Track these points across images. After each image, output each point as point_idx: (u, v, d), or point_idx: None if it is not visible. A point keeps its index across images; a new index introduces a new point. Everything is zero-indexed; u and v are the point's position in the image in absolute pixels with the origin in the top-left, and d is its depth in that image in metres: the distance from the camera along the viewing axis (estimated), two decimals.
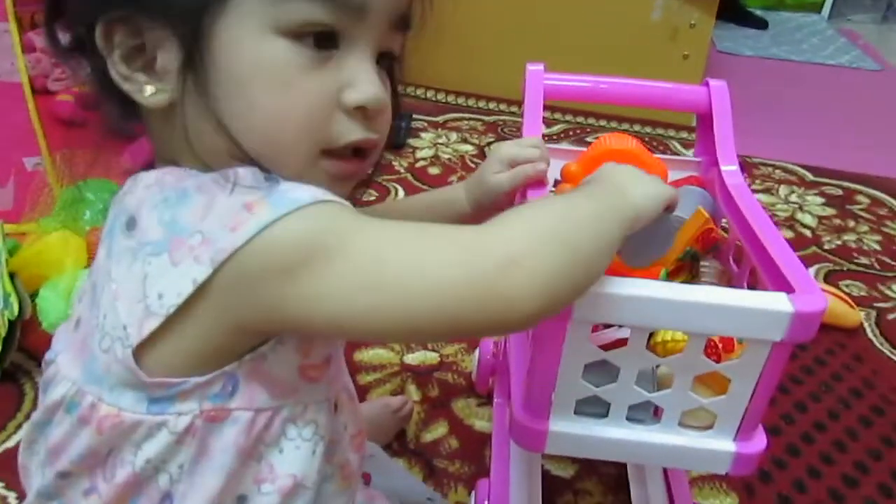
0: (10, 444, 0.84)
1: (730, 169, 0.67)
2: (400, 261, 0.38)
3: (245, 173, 0.40)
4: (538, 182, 0.63)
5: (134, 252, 0.40)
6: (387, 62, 0.46)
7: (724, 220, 0.67)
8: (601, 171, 0.54)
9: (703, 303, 0.48)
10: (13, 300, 0.87)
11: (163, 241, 0.39)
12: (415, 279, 0.38)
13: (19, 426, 0.87)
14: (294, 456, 0.45)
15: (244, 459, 0.43)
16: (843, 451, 0.91)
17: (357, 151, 0.45)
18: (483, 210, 0.64)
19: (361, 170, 0.46)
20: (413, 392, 0.96)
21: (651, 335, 0.54)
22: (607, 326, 0.56)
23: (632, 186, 0.51)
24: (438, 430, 0.90)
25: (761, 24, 2.85)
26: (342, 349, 0.51)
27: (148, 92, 0.42)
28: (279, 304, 0.38)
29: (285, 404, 0.44)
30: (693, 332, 0.50)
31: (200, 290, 0.38)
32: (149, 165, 0.46)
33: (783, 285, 0.51)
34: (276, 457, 0.45)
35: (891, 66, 2.53)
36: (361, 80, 0.42)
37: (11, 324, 0.87)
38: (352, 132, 0.43)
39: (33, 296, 0.91)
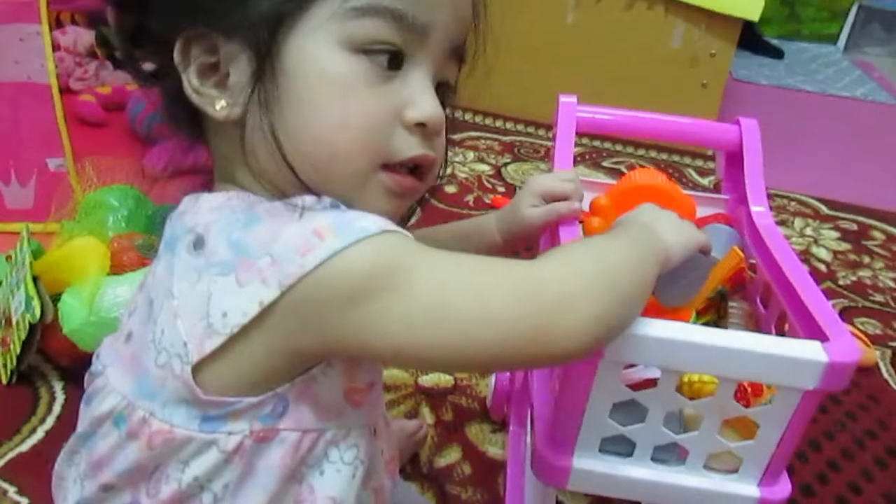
0: (23, 447, 0.84)
1: (759, 209, 0.66)
2: (462, 294, 0.39)
3: (312, 201, 0.41)
4: (570, 217, 0.63)
5: (200, 271, 0.41)
6: (442, 92, 0.47)
7: (751, 259, 0.66)
8: (638, 211, 0.55)
9: (737, 349, 0.48)
10: (35, 303, 0.87)
11: (231, 261, 0.40)
12: (476, 313, 0.39)
13: (33, 430, 0.87)
14: (334, 479, 0.46)
15: (287, 480, 0.44)
16: (858, 494, 0.90)
17: (414, 170, 0.46)
18: (514, 241, 0.64)
19: (418, 188, 0.47)
20: (427, 415, 0.95)
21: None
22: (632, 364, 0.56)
23: (667, 229, 0.52)
24: (452, 454, 0.90)
25: (777, 54, 2.85)
26: (382, 376, 0.52)
27: (219, 105, 0.43)
28: (341, 330, 0.39)
29: (330, 427, 0.45)
30: (725, 376, 0.49)
31: (265, 312, 0.39)
32: (206, 185, 0.47)
33: (816, 332, 0.51)
34: (317, 479, 0.45)
35: None
36: (423, 99, 0.44)
37: (32, 327, 0.87)
38: (412, 147, 0.44)
39: (55, 299, 0.90)
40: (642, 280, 0.46)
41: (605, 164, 1.78)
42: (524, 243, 0.67)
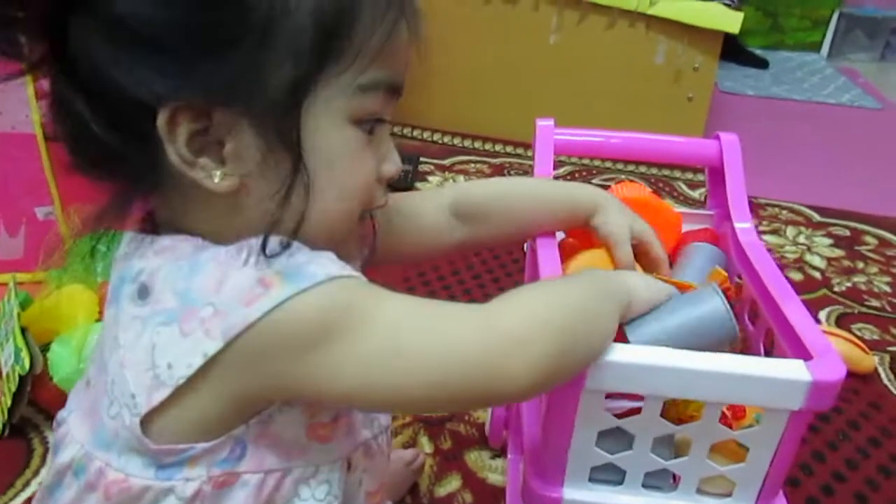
0: (17, 501, 0.83)
1: (743, 226, 0.65)
2: (414, 335, 0.40)
3: (258, 243, 0.40)
4: (548, 233, 0.63)
5: (144, 321, 0.40)
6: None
7: (737, 277, 0.65)
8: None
9: (719, 372, 0.46)
10: (24, 355, 0.86)
11: (175, 310, 0.39)
12: (428, 352, 0.39)
13: (27, 482, 0.85)
14: None
15: None
16: None
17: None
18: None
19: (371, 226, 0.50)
20: (425, 443, 0.94)
21: None
22: None
23: (632, 277, 0.53)
24: (452, 483, 0.88)
25: (762, 64, 2.85)
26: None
27: (217, 177, 0.40)
28: (290, 380, 0.38)
29: (296, 465, 0.44)
30: (709, 400, 0.48)
31: (210, 363, 0.38)
32: (145, 226, 0.45)
33: (800, 350, 0.49)
34: None
35: (891, 105, 2.52)
36: (392, 154, 0.46)
37: (22, 378, 0.86)
38: (381, 197, 0.47)
39: (44, 349, 0.90)
40: (597, 323, 0.47)
41: (594, 181, 1.77)
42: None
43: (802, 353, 0.49)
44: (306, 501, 0.44)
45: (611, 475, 0.53)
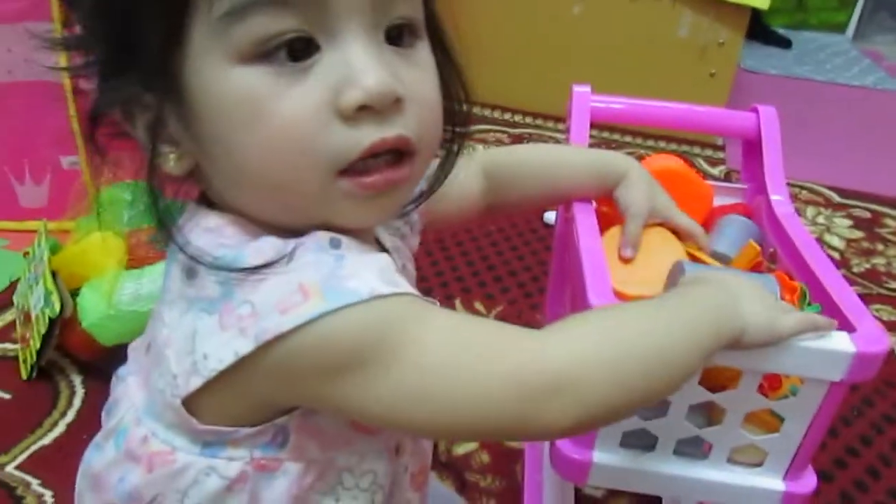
0: (46, 441, 0.83)
1: (779, 198, 0.64)
2: (448, 377, 0.36)
3: (308, 241, 0.37)
4: (584, 200, 0.61)
5: (190, 302, 0.38)
6: (410, 33, 0.38)
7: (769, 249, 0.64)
8: (711, 277, 0.48)
9: None
10: (54, 299, 0.86)
11: (217, 301, 0.37)
12: (459, 397, 0.36)
13: (54, 424, 0.86)
14: None
15: None
16: (877, 479, 0.89)
17: (397, 155, 0.37)
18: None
19: (400, 176, 0.38)
20: None
21: None
22: None
23: (750, 303, 0.44)
24: (469, 443, 0.88)
25: (785, 43, 2.80)
26: None
27: (171, 160, 0.38)
28: (320, 398, 0.37)
29: (339, 455, 0.42)
30: (748, 368, 0.48)
31: (241, 363, 0.35)
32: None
33: (842, 323, 0.49)
34: None
35: None
36: (355, 74, 0.34)
37: (51, 322, 0.86)
38: (361, 139, 0.35)
39: (74, 295, 0.90)
40: (677, 362, 0.40)
41: None
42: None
43: (844, 324, 0.48)
44: (350, 490, 0.43)
45: (642, 440, 0.53)
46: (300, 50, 0.34)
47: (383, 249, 0.47)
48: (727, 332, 0.42)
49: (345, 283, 0.35)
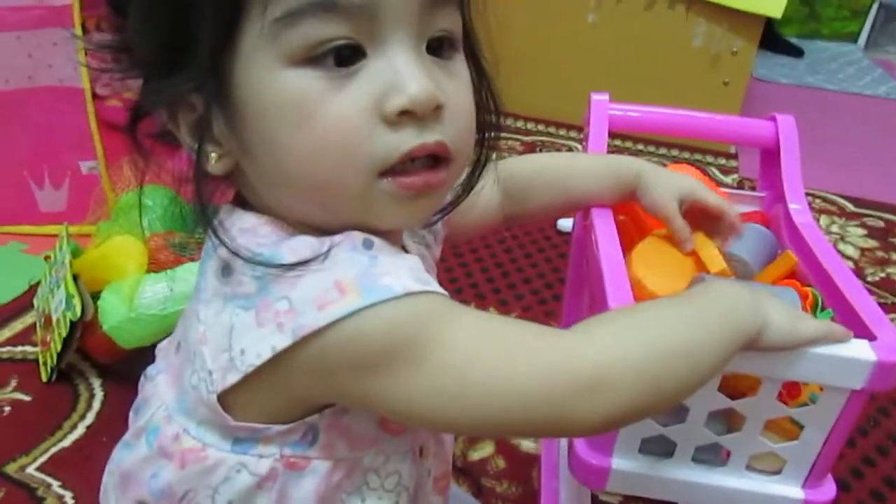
0: (65, 443, 0.84)
1: (797, 207, 0.64)
2: (483, 374, 0.36)
3: (343, 241, 0.38)
4: (602, 206, 0.62)
5: (226, 299, 0.39)
6: (449, 46, 0.40)
7: None
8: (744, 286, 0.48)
9: None
10: (76, 301, 0.86)
11: (253, 297, 0.37)
12: (494, 394, 0.36)
13: (74, 426, 0.87)
14: None
15: None
16: (893, 488, 0.88)
17: (436, 161, 0.39)
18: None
19: (438, 181, 0.39)
20: None
21: None
22: None
23: (774, 309, 0.44)
24: (485, 448, 0.88)
25: (797, 53, 2.79)
26: None
27: (213, 160, 0.39)
28: (353, 394, 0.37)
29: (366, 454, 0.42)
30: (768, 376, 0.48)
31: (278, 358, 0.36)
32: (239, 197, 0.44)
33: (862, 331, 0.49)
34: None
35: None
36: (400, 80, 0.36)
37: (72, 324, 0.87)
38: (402, 143, 0.37)
39: (94, 297, 0.90)
40: (702, 359, 0.40)
41: None
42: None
43: (865, 333, 0.48)
44: (376, 490, 0.43)
45: (661, 447, 0.53)
46: (347, 56, 0.36)
47: None
48: (748, 327, 0.42)
49: (379, 280, 0.35)
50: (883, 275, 1.35)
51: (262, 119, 0.37)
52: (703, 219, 0.60)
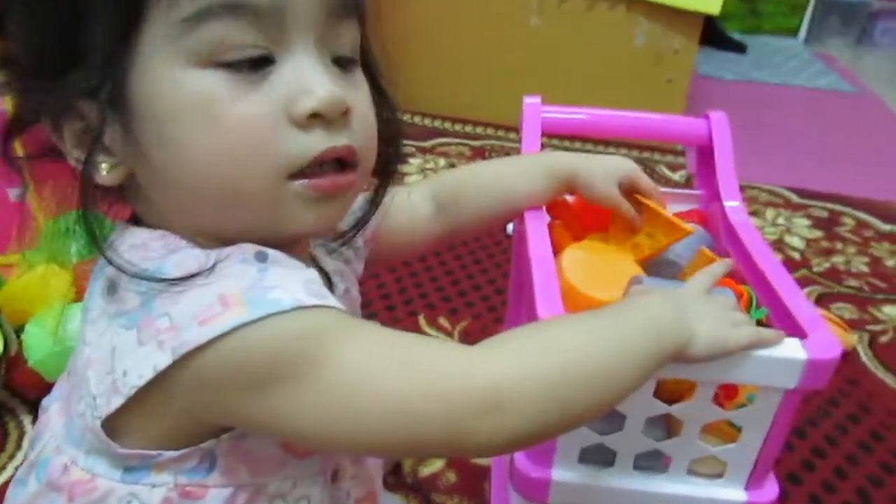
0: None
1: (733, 205, 0.64)
2: (373, 391, 0.35)
3: (234, 253, 0.36)
4: (536, 208, 0.60)
5: (109, 318, 0.37)
6: (350, 61, 0.40)
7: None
8: (660, 290, 0.46)
9: None
10: None
11: (136, 315, 0.36)
12: (385, 412, 0.35)
13: (3, 467, 0.82)
14: None
15: None
16: (844, 479, 0.89)
17: (340, 164, 0.39)
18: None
19: (346, 181, 0.39)
20: None
21: None
22: None
23: (700, 315, 0.43)
24: (436, 463, 0.86)
25: (740, 49, 2.85)
26: None
27: (104, 170, 0.37)
28: (240, 413, 0.36)
29: (271, 481, 0.40)
30: (701, 379, 0.47)
31: (160, 378, 0.35)
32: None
33: (794, 329, 0.48)
34: None
35: (867, 89, 2.53)
36: (309, 85, 0.36)
37: None
38: (313, 145, 0.37)
39: (18, 331, 0.86)
40: (620, 375, 0.39)
41: None
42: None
43: (797, 331, 0.47)
44: None
45: (601, 456, 0.52)
46: (257, 59, 0.36)
47: (322, 272, 0.46)
48: (670, 344, 0.41)
49: (268, 293, 0.34)
50: (828, 265, 1.37)
51: (165, 121, 0.36)
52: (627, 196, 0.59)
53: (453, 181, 0.61)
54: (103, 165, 0.37)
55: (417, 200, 0.58)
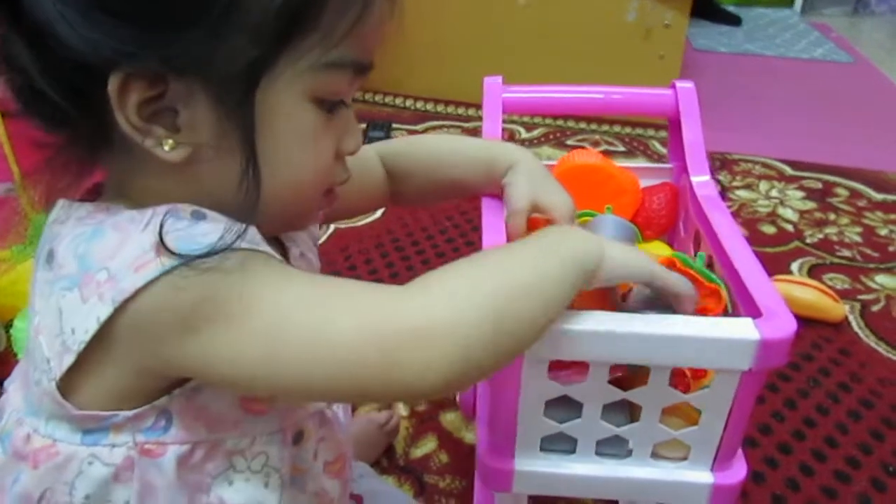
0: None
1: (701, 180, 0.61)
2: (300, 329, 0.35)
3: (170, 210, 0.36)
4: (495, 195, 0.58)
5: (51, 285, 0.37)
6: None
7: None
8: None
9: (664, 335, 0.42)
10: None
11: (75, 275, 0.36)
12: (312, 348, 0.35)
13: None
14: (244, 488, 0.42)
15: (192, 493, 0.40)
16: (835, 447, 0.86)
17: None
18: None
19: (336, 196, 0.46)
20: (400, 406, 0.90)
21: None
22: None
23: (606, 242, 0.44)
24: (428, 444, 0.85)
25: (735, 21, 2.78)
26: None
27: (168, 146, 0.37)
28: (176, 358, 0.35)
29: (227, 437, 0.40)
30: (654, 364, 0.44)
31: (105, 330, 0.35)
32: (89, 195, 0.42)
33: (751, 308, 0.45)
34: (226, 489, 0.41)
35: (863, 59, 2.46)
36: (353, 129, 0.43)
37: None
38: (342, 173, 0.44)
39: (7, 326, 0.86)
40: (543, 295, 0.39)
41: (569, 142, 1.71)
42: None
43: (753, 310, 0.44)
44: (242, 472, 0.42)
45: (564, 444, 0.50)
46: (336, 105, 0.41)
47: (279, 242, 0.48)
48: (589, 259, 0.42)
49: (199, 238, 0.34)
50: (821, 236, 1.33)
51: (281, 138, 0.39)
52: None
53: (405, 153, 0.60)
54: (169, 142, 0.37)
55: (372, 164, 0.59)
